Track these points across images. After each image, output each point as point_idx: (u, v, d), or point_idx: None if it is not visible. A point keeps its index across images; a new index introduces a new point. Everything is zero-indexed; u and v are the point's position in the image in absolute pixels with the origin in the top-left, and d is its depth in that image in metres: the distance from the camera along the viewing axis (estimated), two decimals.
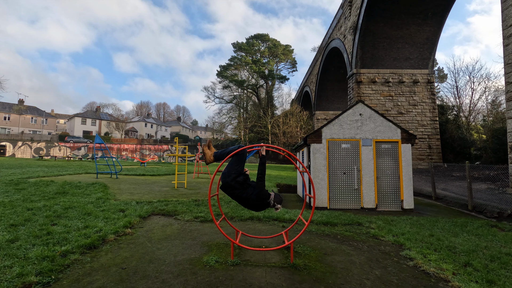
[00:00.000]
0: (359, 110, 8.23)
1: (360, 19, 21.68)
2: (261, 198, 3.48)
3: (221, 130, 57.41)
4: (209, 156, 3.73)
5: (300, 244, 4.41)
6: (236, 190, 3.54)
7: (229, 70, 55.52)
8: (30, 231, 4.40)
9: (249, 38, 57.36)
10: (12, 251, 3.58)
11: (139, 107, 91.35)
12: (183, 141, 55.14)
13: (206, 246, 4.22)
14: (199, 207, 6.92)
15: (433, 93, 22.96)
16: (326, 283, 3.12)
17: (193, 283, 3.02)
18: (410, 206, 7.72)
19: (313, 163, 8.01)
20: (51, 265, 3.19)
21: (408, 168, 7.85)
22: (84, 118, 61.34)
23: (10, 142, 43.13)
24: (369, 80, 22.99)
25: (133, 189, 9.94)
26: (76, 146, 46.09)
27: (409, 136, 8.05)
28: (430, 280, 3.29)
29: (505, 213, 7.29)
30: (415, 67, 23.05)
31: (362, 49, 22.66)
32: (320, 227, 5.53)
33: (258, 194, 3.46)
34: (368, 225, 5.77)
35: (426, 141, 22.23)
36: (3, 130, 52.59)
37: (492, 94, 30.68)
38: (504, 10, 10.75)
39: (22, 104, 57.88)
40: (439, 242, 4.61)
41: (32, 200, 6.84)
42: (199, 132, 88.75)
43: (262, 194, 3.48)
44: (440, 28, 21.95)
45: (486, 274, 3.37)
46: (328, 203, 7.81)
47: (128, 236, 4.57)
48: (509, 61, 10.39)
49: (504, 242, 4.83)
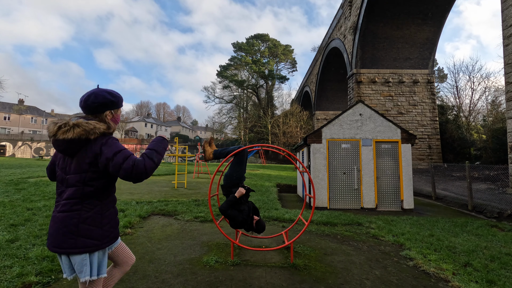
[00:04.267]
0: (359, 110, 8.23)
1: (360, 19, 21.69)
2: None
3: (221, 130, 57.45)
4: (209, 153, 3.74)
5: (300, 244, 4.41)
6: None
7: (229, 70, 55.52)
8: (30, 231, 4.40)
9: (249, 38, 57.37)
10: (12, 251, 3.57)
11: (139, 107, 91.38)
12: (183, 141, 55.13)
13: (206, 246, 4.22)
14: (199, 207, 6.92)
15: (433, 93, 22.96)
16: (326, 283, 3.12)
17: (193, 283, 3.01)
18: (410, 206, 7.72)
19: (313, 163, 8.01)
20: (51, 265, 3.19)
21: (408, 168, 7.85)
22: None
23: (10, 142, 43.13)
24: (369, 80, 22.99)
25: (133, 189, 9.94)
26: None
27: (409, 136, 8.04)
28: (430, 280, 3.29)
29: (505, 213, 7.29)
30: (415, 67, 23.04)
31: (362, 49, 22.66)
32: (320, 227, 5.53)
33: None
34: (368, 225, 5.76)
35: (426, 141, 22.22)
36: (3, 130, 52.58)
37: (492, 94, 30.71)
38: (504, 10, 10.75)
39: (22, 104, 57.87)
40: (439, 242, 4.61)
41: (32, 200, 6.84)
42: (199, 132, 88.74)
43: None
44: (440, 28, 21.95)
45: (486, 274, 3.37)
46: (328, 203, 7.81)
47: (128, 236, 4.57)
48: (509, 61, 10.40)
49: (504, 242, 4.83)
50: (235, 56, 56.85)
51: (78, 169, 1.58)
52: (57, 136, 1.56)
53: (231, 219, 3.36)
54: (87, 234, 1.58)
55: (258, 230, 3.50)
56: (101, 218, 1.65)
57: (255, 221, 3.49)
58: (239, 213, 3.35)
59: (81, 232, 1.57)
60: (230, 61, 56.57)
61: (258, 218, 3.53)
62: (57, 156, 1.75)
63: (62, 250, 1.55)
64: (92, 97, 1.67)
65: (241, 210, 3.38)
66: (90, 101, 1.66)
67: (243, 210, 3.38)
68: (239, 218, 3.33)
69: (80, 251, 1.56)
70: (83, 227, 1.58)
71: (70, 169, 1.60)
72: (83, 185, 1.58)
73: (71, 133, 1.54)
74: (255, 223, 3.48)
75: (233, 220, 3.36)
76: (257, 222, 3.50)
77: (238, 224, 3.39)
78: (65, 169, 1.63)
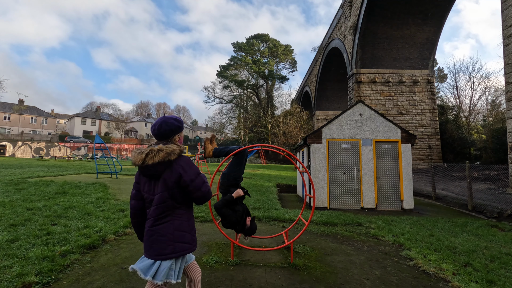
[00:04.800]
0: (359, 110, 8.23)
1: (360, 19, 21.68)
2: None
3: (221, 130, 57.42)
4: (209, 150, 3.76)
5: (300, 244, 4.41)
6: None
7: (229, 70, 55.50)
8: (30, 231, 4.40)
9: (249, 38, 57.36)
10: (12, 251, 3.57)
11: (139, 107, 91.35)
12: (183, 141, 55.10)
13: (206, 246, 4.22)
14: (199, 207, 6.92)
15: (433, 93, 22.96)
16: (326, 283, 3.12)
17: None
18: (410, 206, 7.72)
19: (313, 163, 8.01)
20: (51, 265, 3.19)
21: (408, 168, 7.85)
22: (84, 118, 61.32)
23: (10, 142, 43.13)
24: (369, 80, 22.98)
25: None
26: (76, 146, 46.10)
27: (409, 136, 8.05)
28: (430, 280, 3.29)
29: (505, 213, 7.29)
30: (415, 67, 23.04)
31: (362, 49, 22.66)
32: (320, 227, 5.53)
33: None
34: (368, 225, 5.77)
35: (426, 141, 22.22)
36: (3, 130, 52.58)
37: (492, 94, 30.73)
38: (504, 10, 10.75)
39: (22, 104, 57.87)
40: (439, 242, 4.61)
41: (32, 200, 6.84)
42: (199, 132, 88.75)
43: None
44: (440, 28, 21.95)
45: (486, 274, 3.37)
46: (328, 203, 7.81)
47: (128, 236, 4.57)
48: (509, 61, 10.40)
49: (504, 242, 4.83)
50: (235, 56, 56.85)
51: (166, 187, 1.86)
52: (145, 163, 1.85)
53: (224, 217, 3.35)
54: (181, 239, 1.88)
55: (248, 232, 3.48)
56: (188, 224, 1.96)
57: (249, 222, 3.47)
58: (233, 213, 3.35)
59: (177, 239, 1.87)
60: (230, 61, 56.57)
61: (250, 218, 3.52)
62: (140, 184, 2.00)
63: (158, 256, 1.82)
64: (163, 125, 1.98)
65: (236, 211, 3.38)
66: (162, 129, 1.98)
67: (237, 211, 3.38)
68: (232, 218, 3.33)
69: (177, 255, 1.86)
70: (177, 234, 1.88)
71: (158, 189, 1.88)
72: (172, 199, 1.88)
73: (157, 157, 1.83)
74: (248, 224, 3.46)
75: (226, 219, 3.35)
76: (250, 223, 3.48)
77: (230, 224, 3.38)
78: (152, 190, 1.91)
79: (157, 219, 1.85)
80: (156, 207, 1.86)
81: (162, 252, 1.82)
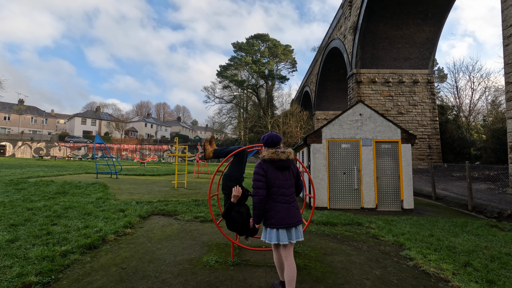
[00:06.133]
0: (359, 110, 8.23)
1: (360, 19, 21.68)
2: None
3: (221, 130, 57.43)
4: (209, 152, 3.77)
5: (300, 244, 4.41)
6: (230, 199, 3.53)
7: (229, 70, 55.49)
8: (30, 231, 4.40)
9: (249, 38, 57.36)
10: (12, 251, 3.58)
11: (139, 107, 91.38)
12: (183, 141, 55.14)
13: (206, 246, 4.22)
14: (199, 207, 6.92)
15: (433, 93, 22.96)
16: (326, 283, 3.12)
17: (193, 283, 3.02)
18: (410, 206, 7.72)
19: (313, 163, 8.01)
20: (51, 265, 3.19)
21: (408, 168, 7.85)
22: (84, 118, 61.32)
23: (10, 142, 43.13)
24: (369, 80, 22.99)
25: (133, 189, 9.94)
26: (76, 146, 46.11)
27: (409, 136, 8.05)
28: (430, 280, 3.29)
29: (505, 213, 7.29)
30: (415, 67, 23.04)
31: (362, 49, 22.66)
32: (320, 227, 5.53)
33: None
34: (368, 225, 5.77)
35: (426, 141, 22.22)
36: (3, 130, 52.59)
37: (492, 94, 30.70)
38: (504, 10, 10.75)
39: (22, 104, 57.89)
40: (439, 242, 4.61)
41: (32, 200, 6.84)
42: (199, 132, 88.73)
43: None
44: (440, 28, 21.94)
45: (486, 274, 3.37)
46: (328, 203, 7.81)
47: (128, 236, 4.57)
48: (509, 61, 10.40)
49: (504, 242, 4.83)
50: (235, 56, 56.82)
51: (292, 177, 2.81)
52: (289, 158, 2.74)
53: (233, 222, 3.35)
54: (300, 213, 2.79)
55: (252, 232, 3.48)
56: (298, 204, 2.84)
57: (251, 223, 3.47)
58: (239, 216, 3.35)
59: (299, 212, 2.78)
60: (230, 61, 56.54)
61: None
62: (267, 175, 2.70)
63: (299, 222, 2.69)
64: (279, 136, 2.88)
65: (241, 213, 3.38)
66: (280, 138, 2.89)
67: (242, 213, 3.38)
68: (238, 221, 3.33)
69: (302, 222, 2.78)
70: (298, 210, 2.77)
71: (288, 178, 2.76)
72: (295, 186, 2.86)
73: (293, 156, 2.79)
74: (251, 225, 3.46)
75: (234, 222, 3.35)
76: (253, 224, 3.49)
77: (238, 226, 3.37)
78: (286, 179, 2.74)
79: (292, 198, 2.73)
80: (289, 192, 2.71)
81: (299, 219, 2.68)
